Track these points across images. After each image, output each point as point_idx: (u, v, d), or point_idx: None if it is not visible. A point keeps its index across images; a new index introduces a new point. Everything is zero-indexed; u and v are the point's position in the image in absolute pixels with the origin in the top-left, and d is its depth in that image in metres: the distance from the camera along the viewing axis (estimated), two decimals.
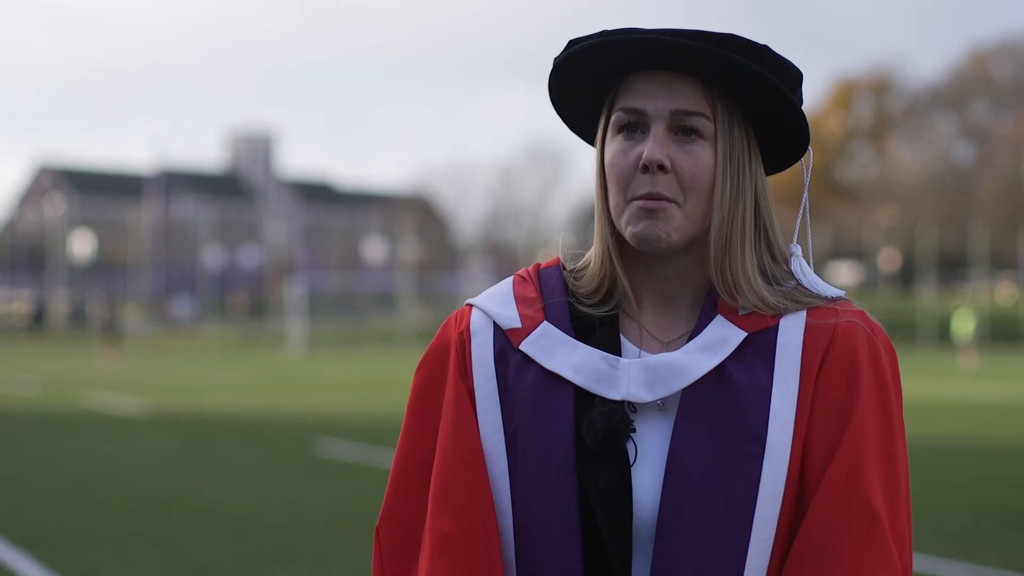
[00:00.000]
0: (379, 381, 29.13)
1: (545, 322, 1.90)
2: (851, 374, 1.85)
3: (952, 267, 67.37)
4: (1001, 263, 67.15)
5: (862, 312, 1.91)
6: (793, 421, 1.82)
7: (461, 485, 1.86)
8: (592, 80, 1.90)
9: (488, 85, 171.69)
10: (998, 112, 73.81)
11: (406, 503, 1.91)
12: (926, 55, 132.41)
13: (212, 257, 77.56)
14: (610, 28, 1.88)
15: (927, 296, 58.31)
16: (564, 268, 1.98)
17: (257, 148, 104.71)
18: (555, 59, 1.91)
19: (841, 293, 1.93)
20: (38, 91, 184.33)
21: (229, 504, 11.09)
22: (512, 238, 76.04)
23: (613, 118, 1.88)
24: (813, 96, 76.49)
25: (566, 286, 1.95)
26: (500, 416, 1.88)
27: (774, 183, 1.99)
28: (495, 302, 1.95)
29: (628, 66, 1.87)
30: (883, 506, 1.81)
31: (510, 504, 1.86)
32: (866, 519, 1.79)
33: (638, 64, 1.86)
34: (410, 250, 67.83)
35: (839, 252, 70.71)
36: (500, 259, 69.70)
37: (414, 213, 76.55)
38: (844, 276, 65.75)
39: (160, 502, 11.16)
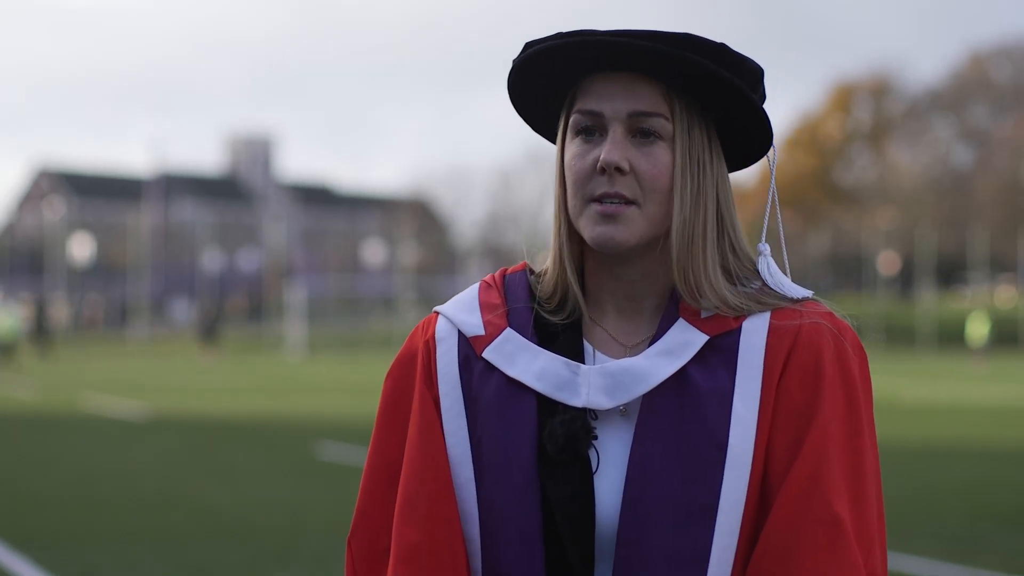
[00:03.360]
0: (378, 384, 28.78)
1: (508, 329, 1.90)
2: (815, 376, 1.82)
3: (951, 270, 67.38)
4: (1000, 266, 67.16)
5: (830, 313, 1.88)
6: (755, 425, 1.80)
7: (426, 494, 1.85)
8: (550, 82, 1.90)
9: (487, 87, 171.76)
10: (997, 115, 73.83)
11: (376, 513, 1.91)
12: (925, 58, 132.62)
13: (211, 260, 77.52)
14: (565, 30, 1.87)
15: (926, 299, 58.30)
16: (532, 272, 1.98)
17: (256, 151, 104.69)
18: (513, 61, 1.91)
19: (808, 293, 1.91)
20: (35, 93, 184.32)
21: (229, 506, 11.09)
22: (511, 241, 76.00)
23: (571, 120, 1.88)
24: (812, 99, 76.61)
25: (531, 291, 1.94)
26: (465, 424, 1.87)
27: (769, 187, 1.98)
28: (460, 309, 1.94)
29: (585, 68, 1.86)
30: (847, 510, 1.78)
31: (476, 512, 1.85)
32: (828, 524, 1.76)
33: (595, 66, 1.85)
34: (409, 253, 67.81)
35: (838, 255, 70.71)
36: (499, 262, 69.65)
37: (413, 216, 76.55)
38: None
39: (160, 504, 11.16)
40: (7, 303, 37.39)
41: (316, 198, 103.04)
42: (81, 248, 70.52)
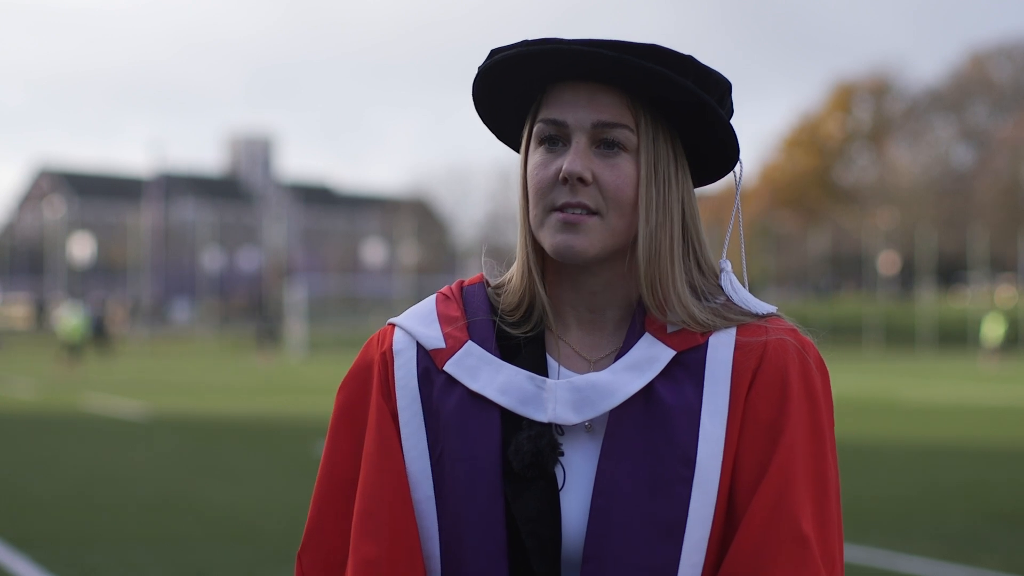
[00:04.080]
0: None
1: (470, 342, 1.87)
2: (781, 393, 1.81)
3: (952, 270, 67.38)
4: (1000, 266, 67.16)
5: (793, 329, 1.87)
6: (723, 442, 1.79)
7: (384, 510, 1.82)
8: (515, 90, 1.87)
9: None
10: (997, 114, 73.85)
11: (329, 528, 1.88)
12: (925, 57, 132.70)
13: (211, 260, 77.51)
14: (531, 38, 1.84)
15: (927, 299, 58.30)
16: (488, 285, 1.95)
17: (256, 151, 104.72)
18: (478, 68, 1.88)
19: (773, 309, 1.89)
20: (36, 93, 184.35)
21: (228, 507, 11.08)
22: (511, 241, 75.86)
23: (535, 129, 1.85)
24: (812, 98, 76.55)
25: (491, 304, 1.91)
26: (425, 439, 1.84)
27: (773, 186, 1.97)
28: (418, 321, 1.91)
29: (550, 77, 1.84)
30: (813, 529, 1.77)
31: (437, 529, 1.82)
32: (795, 542, 1.75)
33: (560, 75, 1.83)
34: (409, 253, 67.82)
35: (838, 255, 70.71)
36: (499, 262, 69.46)
37: (413, 216, 76.53)
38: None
39: (159, 505, 11.15)
40: (73, 302, 37.50)
41: (316, 198, 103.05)
42: (81, 248, 70.55)
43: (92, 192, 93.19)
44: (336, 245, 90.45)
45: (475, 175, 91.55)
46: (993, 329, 41.79)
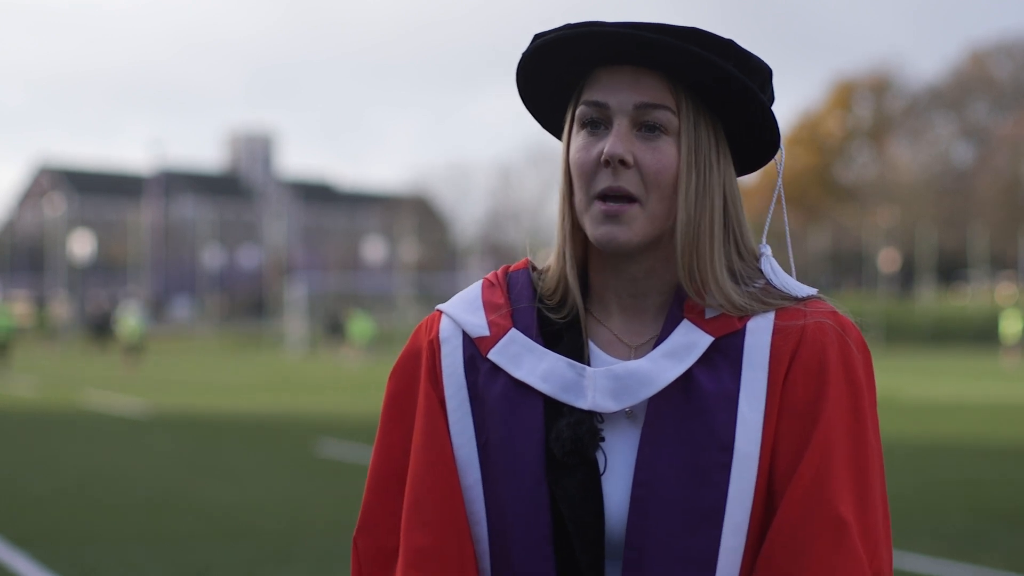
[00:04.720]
0: (379, 381, 29.09)
1: (513, 329, 1.88)
2: (820, 376, 1.81)
3: (952, 267, 67.39)
4: (1001, 263, 67.16)
5: (834, 311, 1.87)
6: (761, 427, 1.79)
7: (433, 498, 1.85)
8: (558, 74, 1.88)
9: (485, 84, 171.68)
10: (997, 112, 73.83)
11: (383, 513, 1.90)
12: (925, 55, 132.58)
13: (212, 257, 77.48)
14: (573, 22, 1.84)
15: (927, 296, 58.30)
16: (534, 269, 1.96)
17: (256, 148, 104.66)
18: (522, 54, 1.89)
19: (813, 292, 1.89)
20: (36, 91, 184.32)
21: (228, 506, 11.07)
22: (512, 238, 76.00)
23: (577, 112, 1.86)
24: (812, 96, 76.50)
25: (534, 289, 1.92)
26: (472, 425, 1.86)
27: (774, 184, 1.96)
28: (463, 309, 1.93)
29: (592, 60, 1.84)
30: (851, 511, 1.77)
31: (484, 514, 1.84)
32: (832, 526, 1.76)
33: (602, 58, 1.83)
34: (410, 250, 67.81)
35: (838, 252, 70.71)
36: (500, 259, 69.64)
37: (413, 213, 76.49)
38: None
39: (159, 503, 11.14)
40: (132, 303, 37.76)
41: (316, 195, 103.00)
42: (81, 245, 70.51)
43: (92, 189, 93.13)
44: (336, 243, 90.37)
45: (475, 173, 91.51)
46: (1011, 326, 41.75)
